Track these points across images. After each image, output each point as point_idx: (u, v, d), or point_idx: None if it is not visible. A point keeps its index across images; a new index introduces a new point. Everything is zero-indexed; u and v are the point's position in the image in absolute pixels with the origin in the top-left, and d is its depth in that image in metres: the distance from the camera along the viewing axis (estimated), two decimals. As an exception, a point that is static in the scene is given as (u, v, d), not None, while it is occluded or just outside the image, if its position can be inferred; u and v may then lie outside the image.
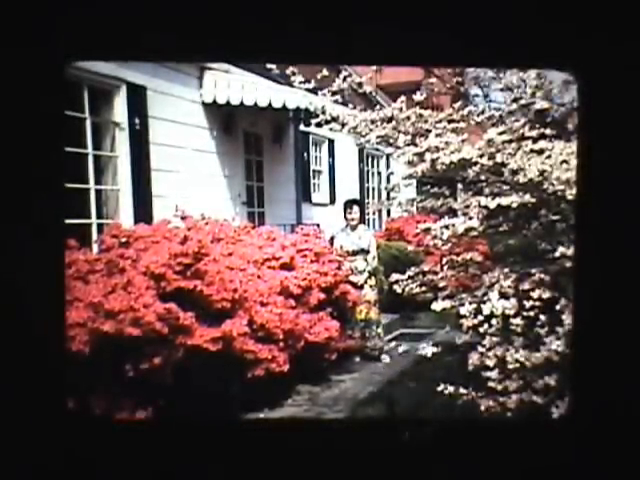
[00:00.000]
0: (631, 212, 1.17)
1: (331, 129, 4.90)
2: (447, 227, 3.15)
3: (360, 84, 4.86)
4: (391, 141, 4.35)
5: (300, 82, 4.88)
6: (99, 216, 6.07)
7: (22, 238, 0.73)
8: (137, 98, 6.36)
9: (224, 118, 7.86)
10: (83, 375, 2.67)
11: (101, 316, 3.37)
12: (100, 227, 5.88)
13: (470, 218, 3.26)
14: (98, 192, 6.11)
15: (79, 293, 3.47)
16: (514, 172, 3.00)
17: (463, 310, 3.08)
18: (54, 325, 0.76)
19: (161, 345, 3.60)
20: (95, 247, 5.19)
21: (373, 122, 4.37)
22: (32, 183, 0.76)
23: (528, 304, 2.90)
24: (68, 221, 4.43)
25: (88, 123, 5.89)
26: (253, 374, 4.22)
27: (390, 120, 4.29)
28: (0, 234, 0.71)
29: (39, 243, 0.75)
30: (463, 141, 3.38)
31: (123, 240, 4.40)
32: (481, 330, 2.98)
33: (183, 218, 5.18)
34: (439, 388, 3.13)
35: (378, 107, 4.86)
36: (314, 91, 5.08)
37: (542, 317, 2.85)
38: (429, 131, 3.97)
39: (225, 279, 4.20)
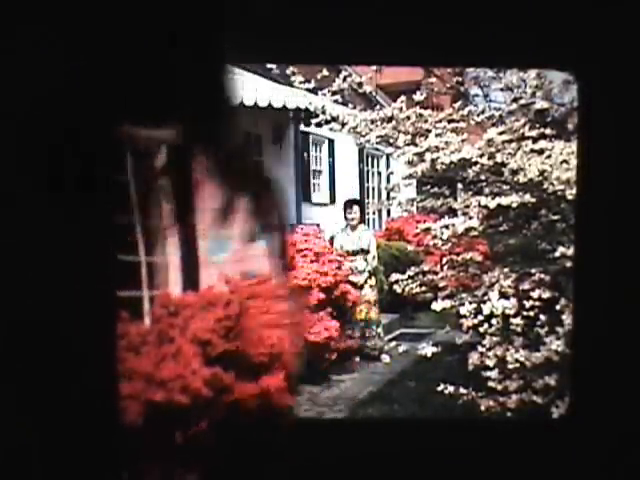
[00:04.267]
0: (631, 212, 1.17)
1: (331, 129, 4.91)
2: (447, 227, 3.16)
3: (360, 84, 4.86)
4: (391, 141, 4.35)
5: (300, 82, 4.88)
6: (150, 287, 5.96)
7: (75, 311, 0.73)
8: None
9: (224, 118, 7.85)
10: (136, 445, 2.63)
11: (153, 386, 3.32)
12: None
13: (470, 218, 3.26)
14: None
15: (131, 365, 3.43)
16: (514, 172, 3.01)
17: (463, 310, 3.08)
18: (108, 397, 0.76)
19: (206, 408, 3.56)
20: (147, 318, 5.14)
21: (373, 122, 4.37)
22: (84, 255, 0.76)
23: (528, 304, 2.90)
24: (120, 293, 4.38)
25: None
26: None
27: (390, 120, 4.29)
28: (51, 307, 0.71)
29: (92, 315, 0.74)
30: (463, 141, 3.38)
31: (172, 310, 4.35)
32: (481, 330, 2.98)
33: (227, 282, 5.14)
34: (439, 388, 3.14)
35: (378, 107, 4.87)
36: (314, 91, 5.08)
37: (542, 317, 2.85)
38: (429, 131, 3.97)
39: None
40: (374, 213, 12.98)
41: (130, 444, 0.74)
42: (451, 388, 3.06)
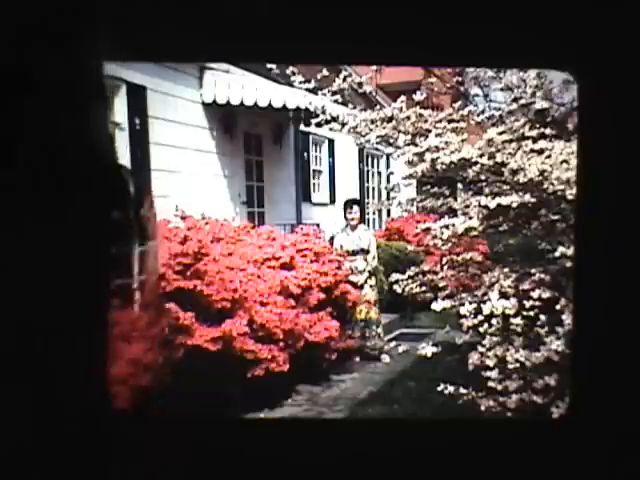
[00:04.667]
0: (631, 212, 1.17)
1: (331, 129, 4.91)
2: (447, 227, 3.16)
3: (360, 84, 4.86)
4: (391, 141, 4.35)
5: (300, 82, 4.88)
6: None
7: (64, 291, 0.73)
8: (137, 98, 6.36)
9: (224, 118, 7.85)
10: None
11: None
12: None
13: (470, 218, 3.26)
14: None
15: None
16: (514, 172, 3.00)
17: (463, 310, 3.08)
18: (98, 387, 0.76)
19: (161, 345, 3.60)
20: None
21: (373, 122, 4.37)
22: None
23: (528, 304, 2.90)
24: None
25: (88, 123, 5.90)
26: (253, 374, 4.22)
27: (390, 120, 4.29)
28: (42, 289, 0.71)
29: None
30: (463, 141, 3.38)
31: None
32: (481, 330, 2.98)
33: (183, 218, 5.18)
34: (439, 388, 3.14)
35: (378, 107, 4.87)
36: (314, 91, 5.08)
37: (542, 317, 2.85)
38: (429, 131, 3.97)
39: (225, 279, 4.20)
40: (374, 213, 12.99)
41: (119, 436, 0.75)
42: (451, 388, 3.06)
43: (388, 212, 12.42)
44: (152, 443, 1.20)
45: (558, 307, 2.76)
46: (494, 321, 2.91)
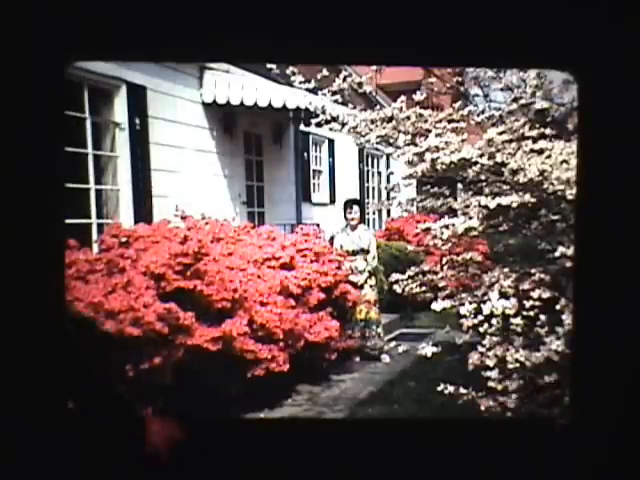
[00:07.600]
0: (631, 212, 1.17)
1: (331, 129, 4.90)
2: (447, 227, 3.15)
3: (360, 84, 4.86)
4: (391, 141, 4.35)
5: (300, 82, 4.88)
6: (99, 216, 6.08)
7: (22, 238, 0.73)
8: (137, 98, 6.36)
9: (224, 118, 7.85)
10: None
11: (101, 316, 3.38)
12: (100, 227, 5.89)
13: (470, 218, 3.26)
14: (98, 192, 6.13)
15: (79, 293, 3.47)
16: (514, 172, 3.00)
17: (463, 310, 3.08)
18: (54, 325, 0.76)
19: (161, 345, 3.60)
20: (95, 247, 5.21)
21: (373, 122, 4.37)
22: (32, 183, 0.77)
23: (528, 304, 2.90)
24: (68, 221, 4.45)
25: (88, 123, 5.90)
26: (253, 374, 4.22)
27: (390, 120, 4.29)
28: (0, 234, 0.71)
29: (39, 243, 0.75)
30: (463, 141, 3.38)
31: (123, 240, 4.41)
32: (481, 330, 2.98)
33: (183, 218, 5.18)
34: (439, 388, 3.13)
35: (378, 107, 4.87)
36: (314, 91, 5.09)
37: (542, 317, 2.85)
38: (429, 131, 3.97)
39: (225, 279, 4.20)
40: (374, 213, 12.99)
41: (77, 374, 0.75)
42: (451, 388, 3.06)
43: (388, 212, 12.41)
44: (152, 443, 1.19)
45: (558, 307, 2.76)
46: (494, 321, 2.91)
